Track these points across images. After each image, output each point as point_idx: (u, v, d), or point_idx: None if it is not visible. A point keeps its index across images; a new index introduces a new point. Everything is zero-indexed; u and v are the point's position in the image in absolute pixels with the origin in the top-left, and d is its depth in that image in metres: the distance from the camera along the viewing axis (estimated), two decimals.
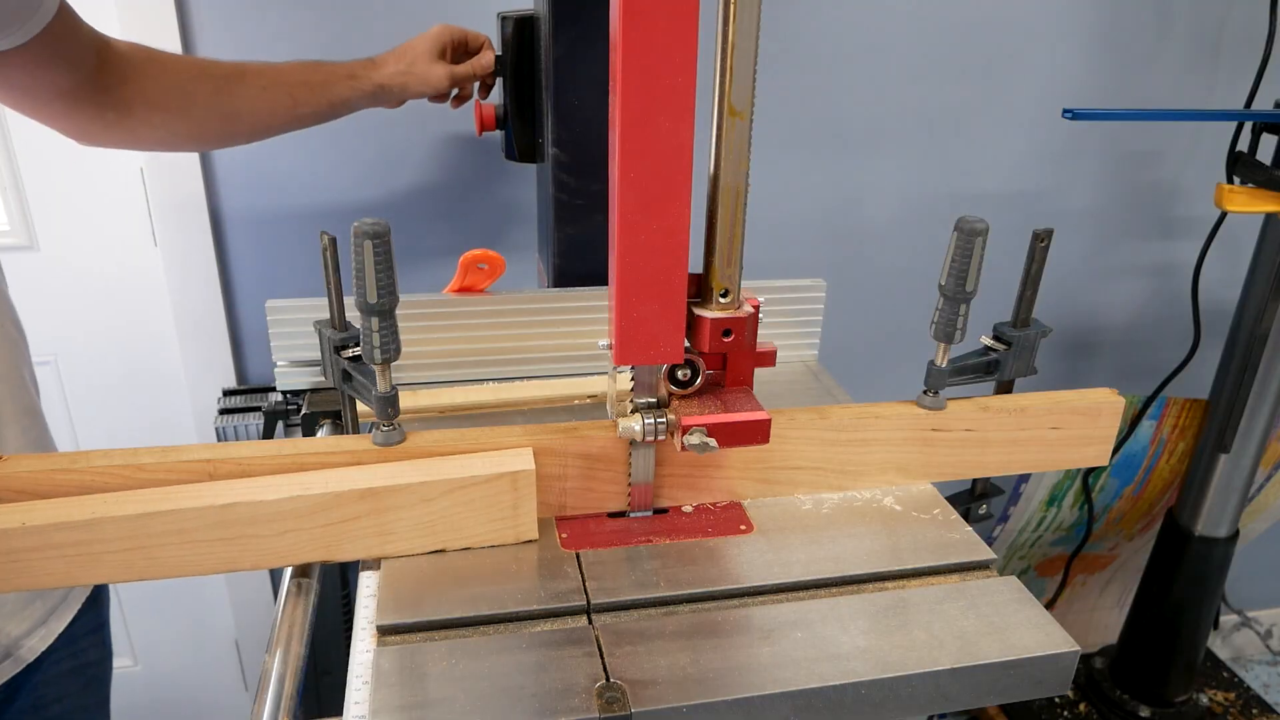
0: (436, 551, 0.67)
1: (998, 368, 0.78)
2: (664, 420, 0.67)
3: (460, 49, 1.04)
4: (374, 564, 0.67)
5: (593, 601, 0.63)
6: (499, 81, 1.06)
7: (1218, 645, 2.12)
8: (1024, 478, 1.63)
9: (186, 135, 0.94)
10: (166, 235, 1.29)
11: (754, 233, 0.67)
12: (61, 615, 0.86)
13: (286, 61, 0.96)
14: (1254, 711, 1.69)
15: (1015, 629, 0.62)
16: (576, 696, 0.55)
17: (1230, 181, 1.31)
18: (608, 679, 0.56)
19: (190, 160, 1.25)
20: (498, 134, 1.08)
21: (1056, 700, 1.69)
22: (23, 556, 0.60)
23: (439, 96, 1.06)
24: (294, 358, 0.93)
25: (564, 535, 0.70)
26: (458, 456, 0.67)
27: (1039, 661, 0.60)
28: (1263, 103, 1.34)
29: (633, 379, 0.68)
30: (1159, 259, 1.66)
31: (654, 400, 0.68)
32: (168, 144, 0.99)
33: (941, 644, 0.60)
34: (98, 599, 0.93)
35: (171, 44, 1.19)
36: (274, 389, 0.98)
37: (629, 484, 0.72)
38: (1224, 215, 1.35)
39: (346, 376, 0.72)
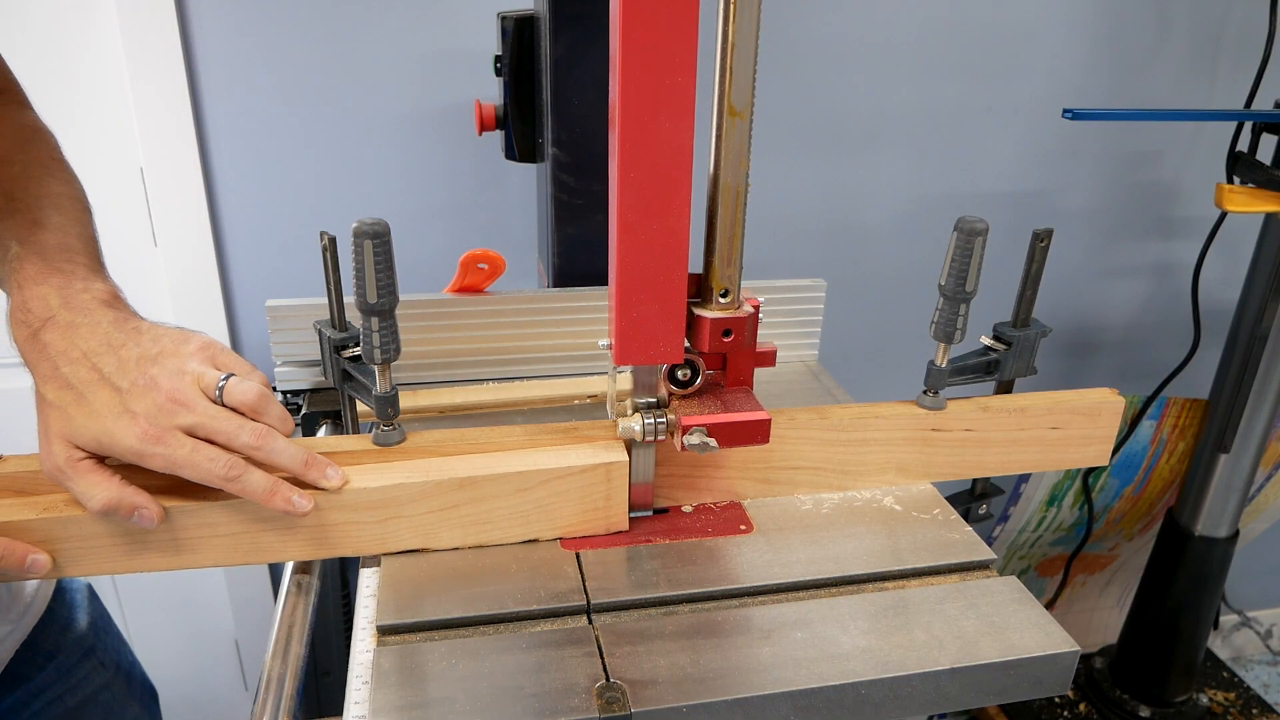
0: (529, 541, 0.69)
1: (998, 368, 0.78)
2: (664, 420, 0.67)
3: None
4: (374, 562, 0.67)
5: (593, 601, 0.63)
6: (499, 81, 1.06)
7: (1218, 645, 2.12)
8: (1024, 478, 1.63)
9: None
10: (166, 235, 1.29)
11: (754, 233, 0.67)
12: None
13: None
14: (1254, 711, 1.69)
15: (1015, 629, 0.62)
16: (576, 696, 0.55)
17: (1230, 181, 1.31)
18: (608, 679, 0.56)
19: (190, 160, 1.25)
20: (498, 134, 1.08)
21: (1056, 700, 1.69)
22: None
23: None
24: (294, 358, 0.93)
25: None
26: (554, 448, 0.69)
27: (1039, 661, 0.60)
28: (1263, 103, 1.34)
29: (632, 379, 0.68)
30: (1159, 259, 1.66)
31: (654, 400, 0.68)
32: None
33: (941, 644, 0.60)
34: (48, 638, 0.80)
35: (171, 44, 1.19)
36: (274, 389, 0.98)
37: (629, 484, 0.72)
38: (1224, 215, 1.35)
39: (346, 376, 0.72)
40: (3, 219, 0.66)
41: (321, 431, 0.90)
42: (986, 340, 0.80)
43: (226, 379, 0.60)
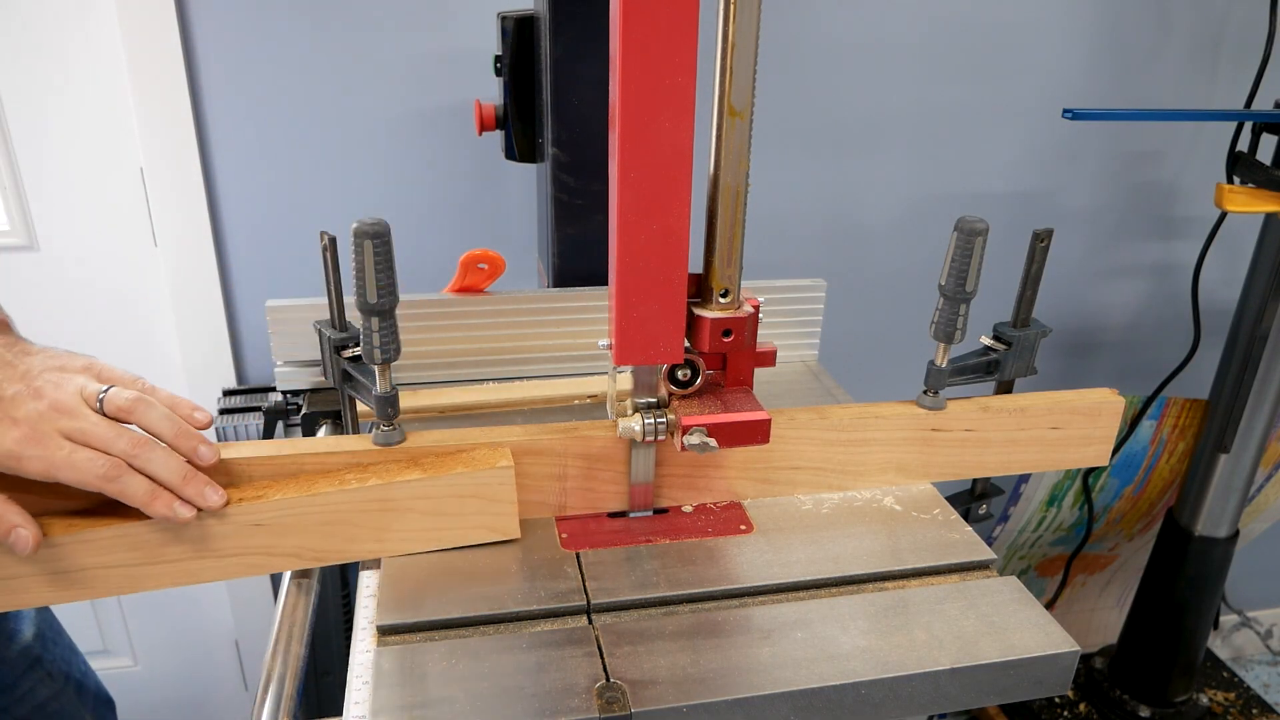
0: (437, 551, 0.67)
1: (998, 368, 0.78)
2: (664, 420, 0.67)
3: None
4: (374, 563, 0.67)
5: (593, 601, 0.63)
6: (499, 82, 1.06)
7: (1218, 645, 2.12)
8: (1024, 478, 1.62)
9: None
10: (166, 235, 1.29)
11: (754, 233, 0.67)
12: None
13: None
14: (1254, 711, 1.69)
15: (1015, 629, 0.62)
16: (576, 696, 0.55)
17: (1230, 181, 1.31)
18: (608, 679, 0.56)
19: (190, 160, 1.25)
20: (498, 134, 1.08)
21: (1056, 700, 1.69)
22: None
23: None
24: (294, 358, 0.93)
25: (564, 535, 0.70)
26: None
27: (1039, 661, 0.60)
28: (1263, 103, 1.34)
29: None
30: (1159, 259, 1.66)
31: (654, 400, 0.68)
32: None
33: (941, 644, 0.60)
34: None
35: (171, 44, 1.19)
36: (274, 389, 0.98)
37: (629, 484, 0.72)
38: (1224, 215, 1.35)
39: (346, 376, 0.72)
40: None
41: (321, 431, 0.90)
42: (986, 340, 0.80)
43: (107, 390, 0.61)
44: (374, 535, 0.66)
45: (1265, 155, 1.28)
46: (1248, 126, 1.30)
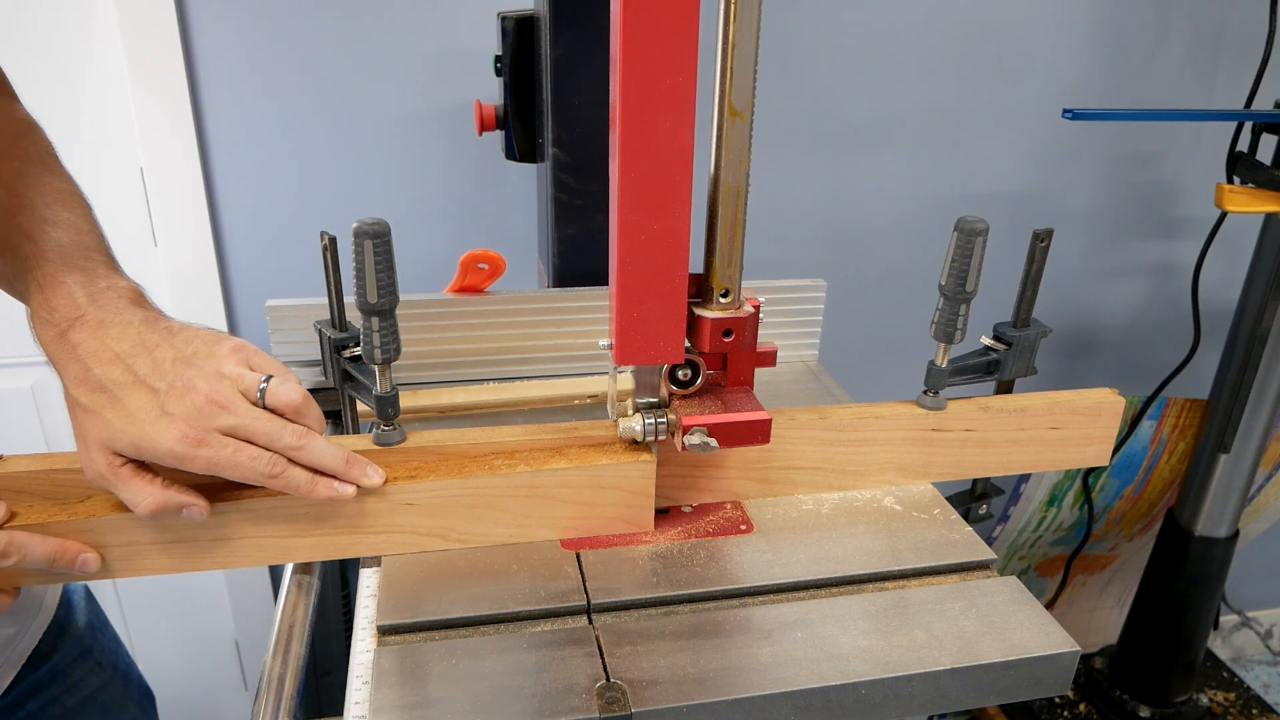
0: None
1: (998, 368, 0.78)
2: (664, 420, 0.67)
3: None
4: (374, 562, 0.67)
5: (593, 601, 0.63)
6: (499, 82, 1.06)
7: (1218, 645, 2.12)
8: (1024, 478, 1.63)
9: None
10: (166, 235, 1.29)
11: (754, 233, 0.67)
12: None
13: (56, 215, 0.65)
14: (1254, 711, 1.69)
15: (1015, 629, 0.62)
16: (576, 696, 0.55)
17: (1230, 181, 1.31)
18: (608, 679, 0.56)
19: (190, 160, 1.25)
20: (498, 134, 1.08)
21: (1056, 700, 1.69)
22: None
23: None
24: (294, 358, 0.93)
25: None
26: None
27: (1039, 661, 0.60)
28: (1263, 103, 1.34)
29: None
30: (1159, 259, 1.66)
31: (654, 400, 0.68)
32: None
33: (941, 644, 0.60)
34: (46, 638, 0.80)
35: (171, 44, 1.19)
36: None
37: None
38: (1224, 215, 1.35)
39: (347, 376, 0.72)
40: (8, 217, 0.64)
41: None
42: (986, 340, 0.80)
43: (267, 381, 0.59)
44: (515, 520, 0.68)
45: (1265, 155, 1.28)
46: (1248, 126, 1.30)
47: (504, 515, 0.68)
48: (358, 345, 0.71)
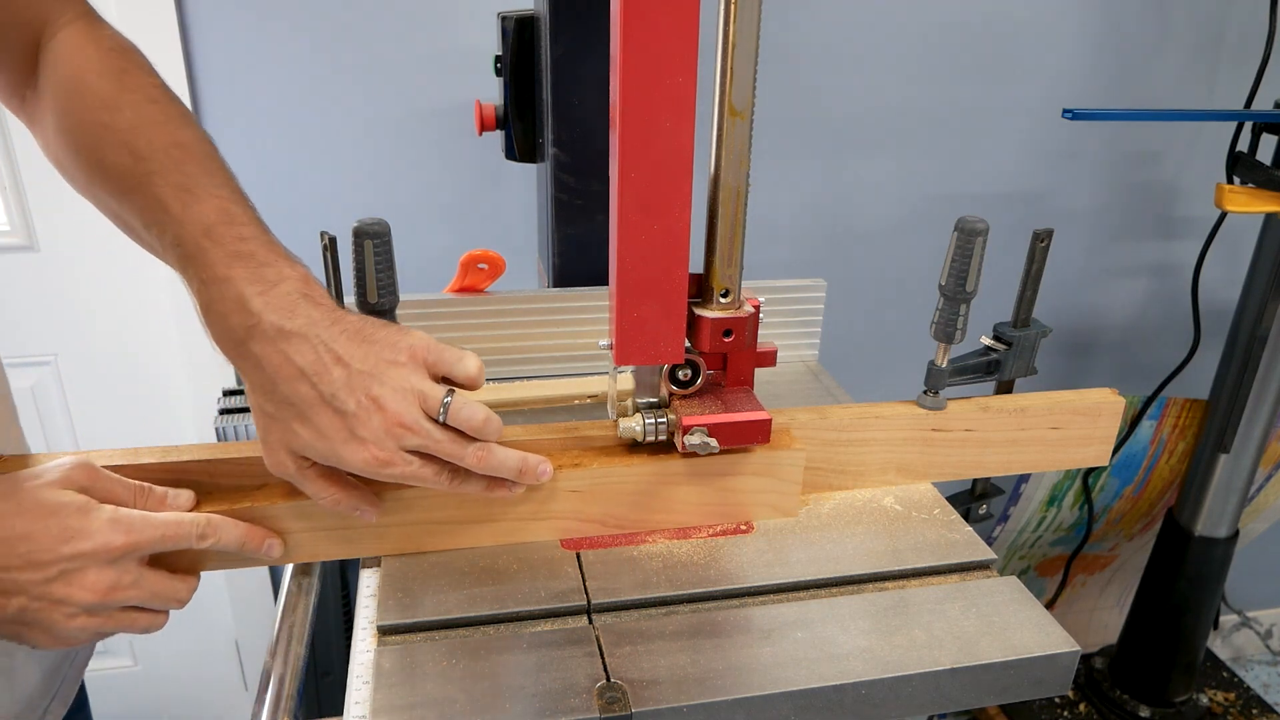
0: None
1: (998, 368, 0.78)
2: (664, 420, 0.67)
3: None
4: (374, 562, 0.67)
5: (593, 601, 0.63)
6: (499, 82, 1.06)
7: (1218, 645, 2.12)
8: (1024, 478, 1.62)
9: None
10: None
11: (754, 233, 0.67)
12: None
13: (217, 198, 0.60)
14: (1254, 711, 1.69)
15: (1015, 629, 0.62)
16: (576, 696, 0.55)
17: (1230, 181, 1.31)
18: (608, 679, 0.56)
19: None
20: (498, 134, 1.08)
21: (1056, 700, 1.69)
22: None
23: None
24: None
25: None
26: None
27: (1039, 661, 0.60)
28: (1263, 103, 1.34)
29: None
30: (1159, 259, 1.66)
31: (655, 400, 0.68)
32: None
33: (941, 644, 0.60)
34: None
35: (171, 43, 1.19)
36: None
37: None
38: (1224, 215, 1.35)
39: None
40: (139, 187, 0.59)
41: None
42: (986, 340, 0.80)
43: (449, 398, 0.58)
44: (669, 506, 0.70)
45: (1265, 155, 1.28)
46: (1248, 126, 1.29)
47: (657, 502, 0.69)
48: None
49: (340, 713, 0.56)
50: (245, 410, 1.14)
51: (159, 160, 0.59)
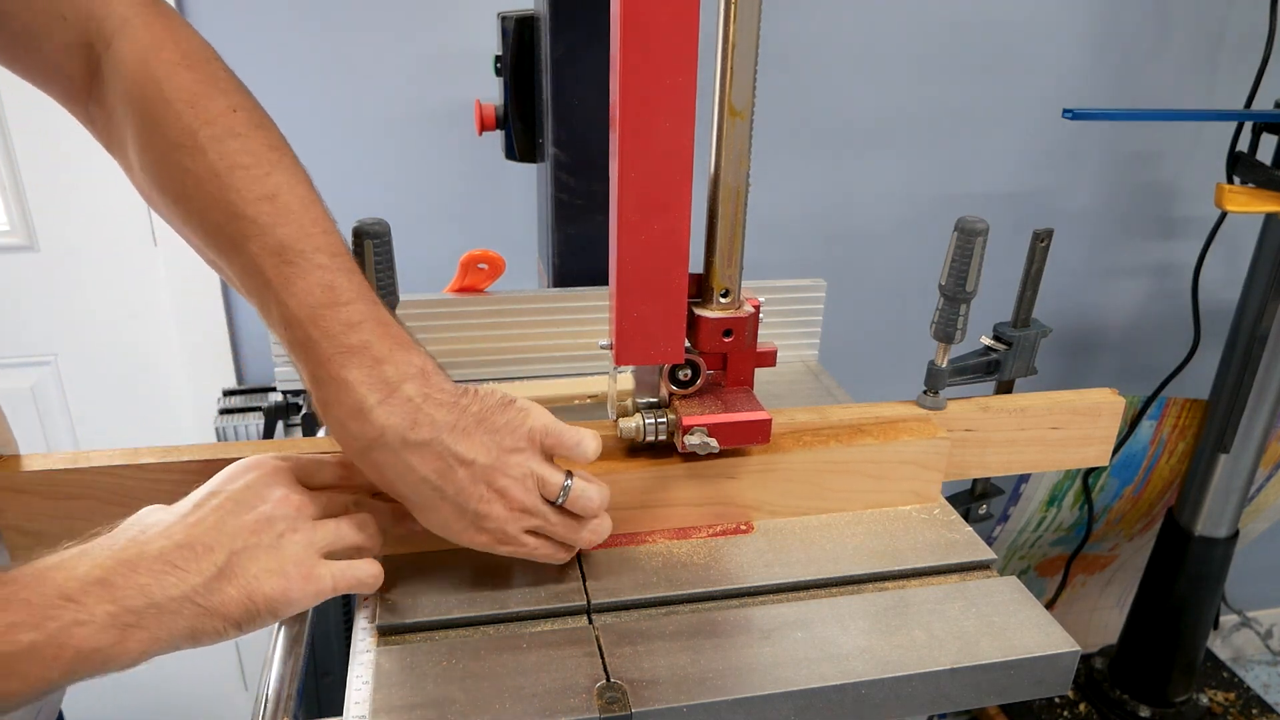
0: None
1: (998, 368, 0.78)
2: (664, 420, 0.67)
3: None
4: None
5: (593, 601, 0.63)
6: (499, 81, 1.06)
7: (1218, 645, 2.12)
8: (1024, 478, 1.62)
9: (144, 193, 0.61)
10: (166, 235, 1.29)
11: (754, 233, 0.67)
12: None
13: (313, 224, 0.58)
14: (1254, 711, 1.69)
15: (1015, 629, 0.62)
16: (576, 696, 0.55)
17: (1230, 181, 1.31)
18: (608, 679, 0.56)
19: None
20: (498, 134, 1.08)
21: (1056, 700, 1.69)
22: None
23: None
24: None
25: None
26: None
27: (1039, 661, 0.60)
28: (1263, 103, 1.34)
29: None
30: (1159, 259, 1.66)
31: (655, 400, 0.68)
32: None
33: (941, 644, 0.60)
34: None
35: None
36: (274, 389, 0.98)
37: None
38: (1224, 215, 1.35)
39: None
40: (234, 249, 0.54)
41: (322, 431, 0.90)
42: (986, 340, 0.80)
43: (569, 482, 0.59)
44: (819, 494, 0.72)
45: (1265, 155, 1.28)
46: (1248, 126, 1.29)
47: (809, 490, 0.71)
48: None
49: (340, 713, 0.56)
50: (245, 410, 1.14)
51: (250, 218, 0.54)
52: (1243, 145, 1.30)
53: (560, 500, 0.59)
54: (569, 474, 0.59)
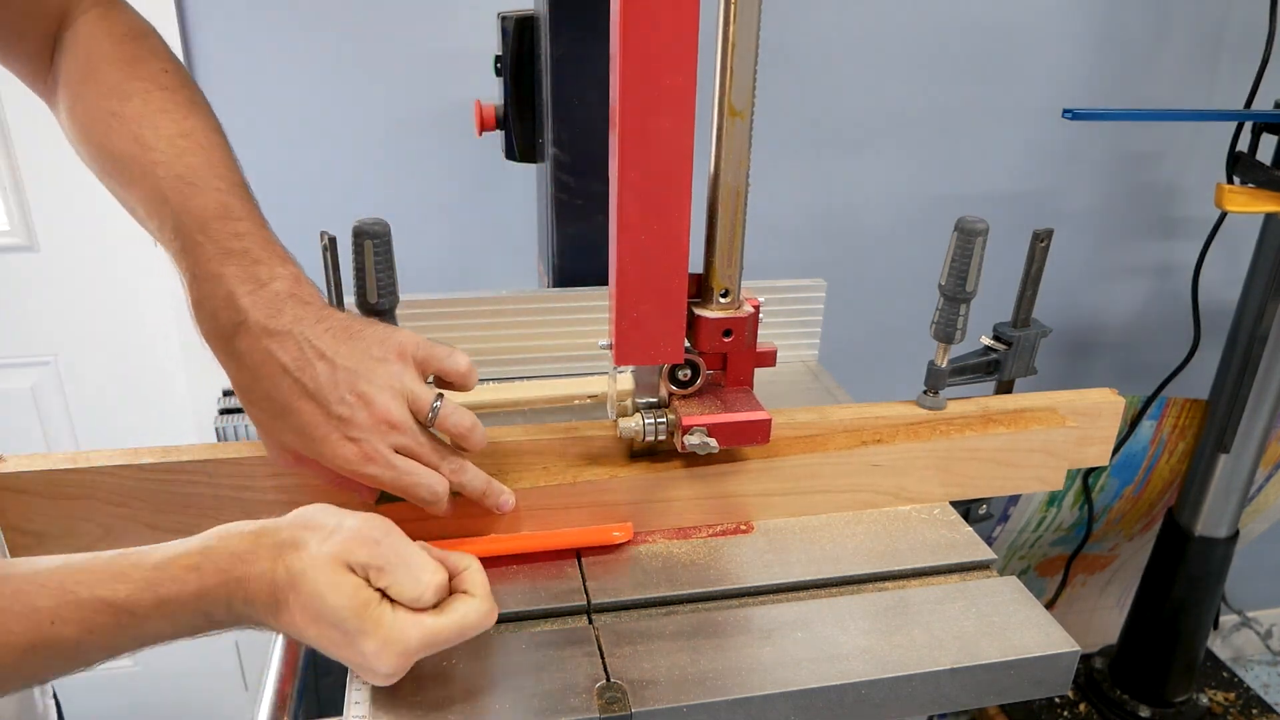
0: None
1: (998, 368, 0.78)
2: (664, 420, 0.67)
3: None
4: None
5: (593, 601, 0.63)
6: (499, 81, 1.06)
7: (1218, 645, 2.12)
8: None
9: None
10: None
11: (754, 233, 0.67)
12: None
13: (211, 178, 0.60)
14: (1254, 711, 1.69)
15: (1015, 629, 0.62)
16: (576, 696, 0.55)
17: (1230, 181, 1.31)
18: (608, 679, 0.56)
19: None
20: (498, 134, 1.08)
21: (1056, 700, 1.69)
22: None
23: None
24: None
25: None
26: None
27: (1039, 661, 0.60)
28: (1263, 103, 1.34)
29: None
30: (1159, 259, 1.66)
31: (654, 400, 0.68)
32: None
33: (941, 644, 0.60)
34: None
35: (171, 43, 1.19)
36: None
37: None
38: (1224, 215, 1.35)
39: None
40: (143, 177, 0.59)
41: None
42: (986, 340, 0.80)
43: (439, 403, 0.58)
44: (954, 480, 0.74)
45: (1265, 155, 1.28)
46: (1248, 126, 1.29)
47: (945, 476, 0.74)
48: None
49: (340, 713, 0.56)
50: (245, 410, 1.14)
51: (162, 150, 0.59)
52: (1243, 145, 1.30)
53: (431, 418, 0.58)
54: (440, 395, 0.58)
